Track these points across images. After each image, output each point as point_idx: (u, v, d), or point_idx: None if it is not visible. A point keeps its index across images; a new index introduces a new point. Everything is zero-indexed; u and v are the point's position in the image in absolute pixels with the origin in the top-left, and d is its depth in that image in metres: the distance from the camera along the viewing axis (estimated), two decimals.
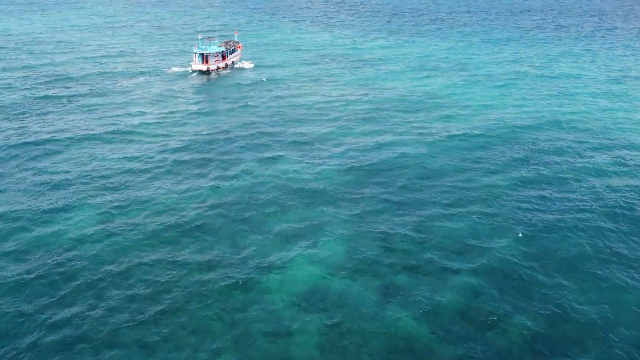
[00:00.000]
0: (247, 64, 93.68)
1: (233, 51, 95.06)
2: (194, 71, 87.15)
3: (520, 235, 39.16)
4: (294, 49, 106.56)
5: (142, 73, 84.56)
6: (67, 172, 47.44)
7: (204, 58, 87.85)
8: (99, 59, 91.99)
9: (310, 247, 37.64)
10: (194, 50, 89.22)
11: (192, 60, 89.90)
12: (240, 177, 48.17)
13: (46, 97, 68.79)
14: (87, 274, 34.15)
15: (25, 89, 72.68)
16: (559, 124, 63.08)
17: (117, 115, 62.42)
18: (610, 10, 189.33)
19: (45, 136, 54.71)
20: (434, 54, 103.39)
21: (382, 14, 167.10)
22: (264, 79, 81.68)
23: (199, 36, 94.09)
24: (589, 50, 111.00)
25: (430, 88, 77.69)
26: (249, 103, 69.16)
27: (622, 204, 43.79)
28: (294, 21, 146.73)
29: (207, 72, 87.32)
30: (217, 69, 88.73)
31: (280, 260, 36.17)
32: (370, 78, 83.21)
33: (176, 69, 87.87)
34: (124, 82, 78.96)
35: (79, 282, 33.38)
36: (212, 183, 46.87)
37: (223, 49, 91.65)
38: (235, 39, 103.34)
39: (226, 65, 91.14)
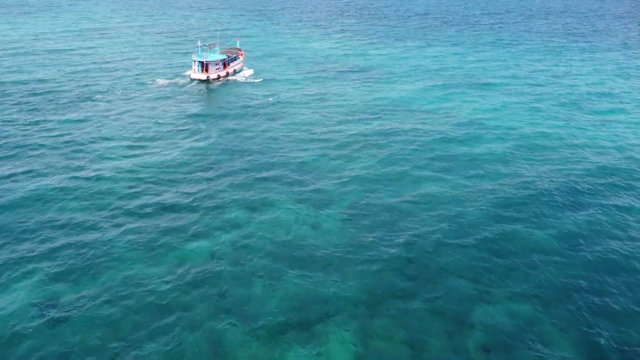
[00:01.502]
0: (248, 74, 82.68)
1: (235, 59, 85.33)
2: (192, 80, 78.10)
3: (603, 342, 27.70)
4: (298, 58, 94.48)
5: (125, 87, 72.87)
6: (6, 233, 35.75)
7: (204, 66, 78.79)
8: (80, 72, 79.73)
9: (307, 349, 26.96)
10: (193, 58, 79.98)
11: (191, 69, 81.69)
12: (223, 233, 37.15)
13: (8, 122, 56.93)
14: None
15: None
16: (611, 165, 51.00)
17: (81, 148, 50.41)
18: (624, 12, 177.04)
19: None
20: (448, 65, 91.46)
21: (386, 18, 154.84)
22: (268, 99, 69.42)
23: (199, 43, 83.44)
24: (614, 61, 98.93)
25: (452, 111, 65.69)
26: (244, 129, 57.28)
27: None
28: (297, 26, 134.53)
29: (207, 81, 78.02)
30: (217, 78, 79.38)
31: None
32: (381, 97, 71.16)
33: (162, 82, 76.46)
34: (99, 96, 67.60)
35: None
36: (188, 243, 35.89)
37: (224, 56, 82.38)
38: (237, 46, 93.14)
39: (227, 73, 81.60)
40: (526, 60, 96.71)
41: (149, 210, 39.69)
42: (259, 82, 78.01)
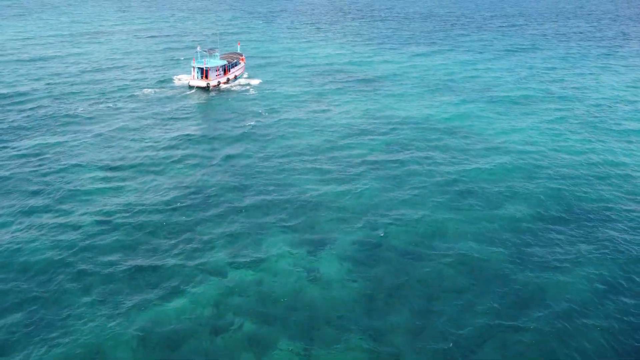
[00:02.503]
0: (248, 84, 75.42)
1: (235, 64, 79.27)
2: (192, 87, 72.37)
3: None
4: (300, 66, 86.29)
5: (111, 99, 65.62)
6: None
7: (204, 73, 72.86)
8: (64, 83, 71.60)
9: None
10: (193, 64, 74.49)
11: (189, 75, 75.61)
12: (206, 293, 30.23)
13: None
14: None
15: None
16: None
17: (50, 180, 42.64)
18: (637, 14, 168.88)
19: None
20: (460, 75, 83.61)
21: (388, 20, 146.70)
22: (267, 116, 62.06)
23: (198, 48, 77.43)
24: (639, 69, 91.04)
25: (470, 131, 57.93)
26: (238, 155, 49.54)
27: None
28: (298, 30, 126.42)
29: (207, 89, 72.30)
30: (218, 84, 73.62)
31: None
32: (389, 114, 63.12)
33: (154, 93, 69.33)
34: (81, 111, 60.39)
35: None
36: (163, 306, 29.06)
37: (224, 62, 76.63)
38: (238, 50, 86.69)
39: (228, 80, 75.78)
40: (543, 69, 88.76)
41: (119, 268, 32.11)
42: (259, 95, 70.05)
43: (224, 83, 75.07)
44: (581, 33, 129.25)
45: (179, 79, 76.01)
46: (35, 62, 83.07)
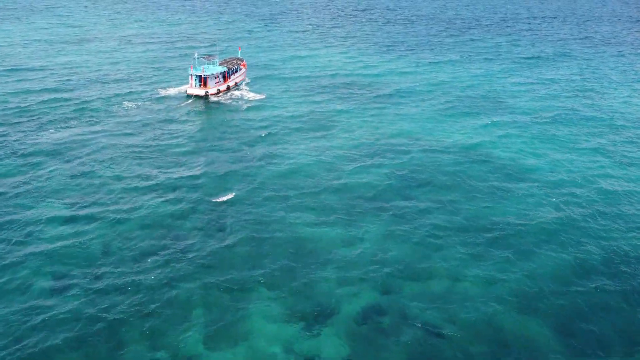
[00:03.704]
0: (242, 96, 67.95)
1: (236, 70, 72.67)
2: (189, 96, 66.46)
3: None
4: (302, 78, 77.65)
5: (90, 115, 58.02)
6: None
7: (202, 81, 67.12)
8: (43, 102, 62.93)
9: None
10: (190, 72, 68.38)
11: (187, 83, 69.40)
12: None
13: None
14: None
15: None
16: None
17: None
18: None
19: None
20: (474, 85, 76.07)
21: (392, 23, 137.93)
22: (263, 134, 54.51)
23: (195, 54, 71.32)
24: None
25: (495, 157, 49.75)
26: (228, 196, 41.29)
27: None
28: (300, 35, 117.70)
29: (205, 97, 66.10)
30: (217, 93, 67.16)
31: None
32: (399, 140, 54.42)
33: (129, 105, 62.18)
34: (52, 131, 53.07)
35: None
36: None
37: (224, 68, 69.75)
38: (239, 56, 79.53)
39: (228, 87, 69.47)
40: (566, 82, 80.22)
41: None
42: (257, 116, 60.58)
43: (224, 91, 68.42)
44: (596, 37, 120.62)
45: (167, 92, 68.11)
46: (14, 73, 74.94)
